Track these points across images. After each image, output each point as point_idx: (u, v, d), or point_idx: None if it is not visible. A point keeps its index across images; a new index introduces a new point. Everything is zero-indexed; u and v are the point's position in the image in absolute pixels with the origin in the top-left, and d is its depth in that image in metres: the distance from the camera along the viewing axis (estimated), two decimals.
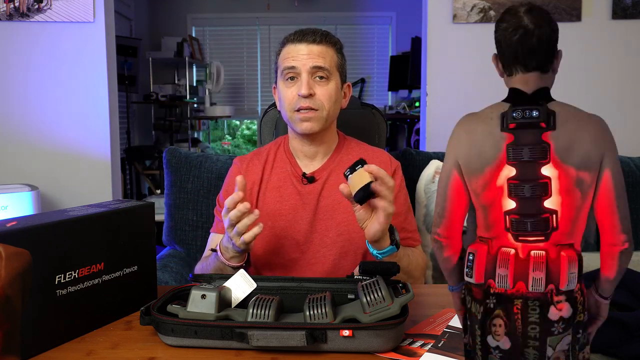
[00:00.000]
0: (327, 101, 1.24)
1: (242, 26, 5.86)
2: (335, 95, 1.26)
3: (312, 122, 1.24)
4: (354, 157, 1.33)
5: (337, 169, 1.31)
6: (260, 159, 1.35)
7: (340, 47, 1.30)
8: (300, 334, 0.76)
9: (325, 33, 1.27)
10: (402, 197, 1.32)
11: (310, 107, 1.22)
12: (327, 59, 1.25)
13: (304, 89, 1.21)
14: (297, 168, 1.32)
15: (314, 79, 1.24)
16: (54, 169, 2.42)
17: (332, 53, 1.27)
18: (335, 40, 1.29)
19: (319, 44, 1.24)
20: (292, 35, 1.27)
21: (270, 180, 1.32)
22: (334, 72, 1.27)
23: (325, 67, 1.23)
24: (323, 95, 1.24)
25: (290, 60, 1.23)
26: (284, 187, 1.31)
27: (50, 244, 0.80)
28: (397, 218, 1.30)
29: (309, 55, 1.23)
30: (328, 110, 1.25)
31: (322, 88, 1.24)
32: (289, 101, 1.25)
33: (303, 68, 1.22)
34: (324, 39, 1.25)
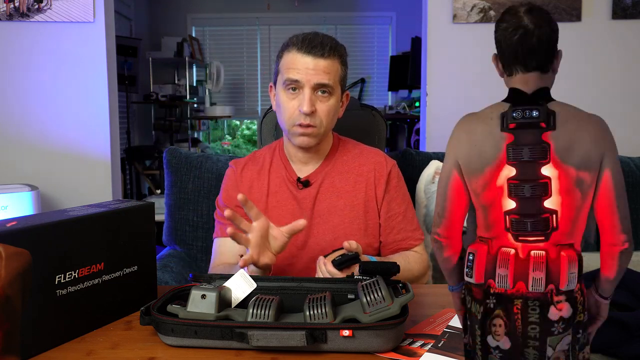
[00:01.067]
0: (326, 117, 1.23)
1: (242, 26, 5.86)
2: (334, 110, 1.25)
3: (309, 138, 1.23)
4: (350, 159, 1.33)
5: (331, 173, 1.31)
6: (256, 164, 1.34)
7: (345, 58, 1.27)
8: (300, 334, 0.76)
9: (333, 46, 1.22)
10: (399, 196, 1.32)
11: (310, 124, 1.21)
12: (332, 74, 1.21)
13: (306, 106, 1.18)
14: (292, 173, 1.31)
15: (315, 94, 1.21)
16: (54, 169, 2.42)
17: (338, 66, 1.23)
18: (342, 52, 1.25)
19: (327, 58, 1.20)
20: (299, 42, 1.21)
21: (266, 186, 1.31)
22: (337, 86, 1.24)
23: (330, 84, 1.21)
24: (323, 112, 1.22)
25: (295, 73, 1.20)
26: (280, 193, 1.30)
27: (50, 244, 0.80)
28: (396, 218, 1.30)
29: (315, 70, 1.19)
30: (326, 126, 1.24)
31: (323, 104, 1.22)
32: (289, 114, 1.22)
33: (307, 83, 1.19)
34: (332, 53, 1.21)
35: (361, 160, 1.33)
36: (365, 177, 1.30)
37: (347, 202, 1.28)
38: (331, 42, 1.23)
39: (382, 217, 1.30)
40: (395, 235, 1.29)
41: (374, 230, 1.30)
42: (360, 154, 1.34)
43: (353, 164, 1.32)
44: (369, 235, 1.29)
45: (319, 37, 1.22)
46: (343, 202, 1.28)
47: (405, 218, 1.31)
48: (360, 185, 1.30)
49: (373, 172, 1.31)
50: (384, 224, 1.30)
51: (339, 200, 1.29)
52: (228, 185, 1.34)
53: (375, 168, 1.31)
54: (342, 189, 1.29)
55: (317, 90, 1.21)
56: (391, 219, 1.30)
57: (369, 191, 1.30)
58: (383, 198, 1.30)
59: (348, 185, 1.30)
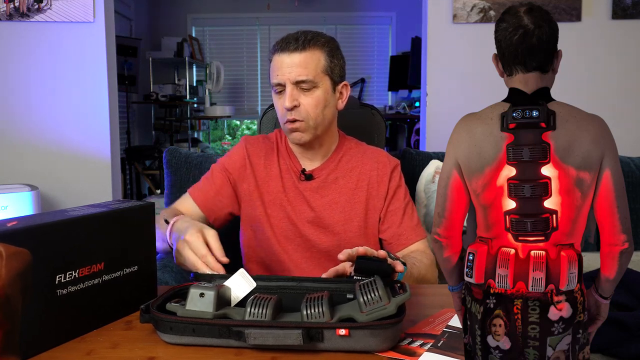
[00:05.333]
0: (312, 110, 1.23)
1: (242, 26, 5.86)
2: (323, 102, 1.24)
3: (300, 133, 1.25)
4: (353, 158, 1.34)
5: (335, 170, 1.32)
6: (267, 145, 1.36)
7: (331, 48, 1.25)
8: (297, 333, 0.76)
9: (310, 37, 1.23)
10: (400, 194, 1.33)
11: (295, 118, 1.23)
12: (311, 67, 1.21)
13: (287, 101, 1.21)
14: (296, 164, 1.33)
15: (299, 89, 1.23)
16: (54, 169, 2.42)
17: (319, 57, 1.23)
18: (323, 41, 1.24)
19: (302, 51, 1.21)
20: (278, 44, 1.25)
21: (272, 170, 1.33)
22: (321, 78, 1.23)
23: (308, 79, 1.21)
24: (308, 105, 1.23)
25: (276, 77, 1.23)
26: (286, 178, 1.32)
27: (50, 244, 0.80)
28: (396, 214, 1.30)
29: (290, 67, 1.21)
30: (315, 119, 1.24)
31: (307, 98, 1.23)
32: (280, 114, 1.27)
33: (288, 82, 1.22)
34: (307, 45, 1.21)
35: (364, 159, 1.34)
36: (368, 176, 1.31)
37: (348, 200, 1.30)
38: (310, 35, 1.24)
39: (383, 212, 1.31)
40: (395, 229, 1.29)
41: (373, 229, 1.30)
42: (363, 153, 1.35)
43: (356, 162, 1.33)
44: (368, 234, 1.30)
45: (297, 34, 1.24)
46: (344, 199, 1.30)
47: (406, 214, 1.31)
48: (362, 184, 1.31)
49: (376, 171, 1.32)
50: (383, 219, 1.31)
51: (340, 197, 1.30)
52: (236, 157, 1.35)
53: (378, 167, 1.32)
54: (345, 186, 1.31)
55: (299, 86, 1.23)
56: (391, 214, 1.30)
57: (371, 189, 1.31)
58: (385, 196, 1.31)
59: (350, 183, 1.31)
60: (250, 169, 1.33)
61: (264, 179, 1.32)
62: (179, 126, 5.38)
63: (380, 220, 1.31)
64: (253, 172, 1.33)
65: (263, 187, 1.32)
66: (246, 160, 1.34)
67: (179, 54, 5.26)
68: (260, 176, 1.32)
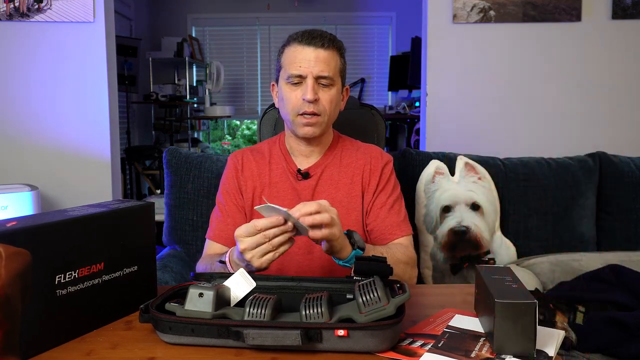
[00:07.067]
0: (329, 106, 1.26)
1: (242, 26, 5.86)
2: (336, 100, 1.29)
3: (314, 127, 1.27)
4: (348, 153, 1.37)
5: (331, 165, 1.34)
6: (257, 156, 1.37)
7: (344, 51, 1.32)
8: (295, 333, 0.76)
9: (332, 38, 1.27)
10: (389, 189, 1.34)
11: (314, 112, 1.24)
12: (332, 65, 1.26)
13: (309, 94, 1.22)
14: (292, 164, 1.34)
15: (318, 84, 1.25)
16: (54, 169, 2.42)
17: (337, 58, 1.28)
18: (340, 44, 1.30)
19: (327, 49, 1.25)
20: (299, 36, 1.26)
21: (267, 177, 1.34)
22: (337, 77, 1.28)
23: (329, 75, 1.25)
24: (326, 101, 1.26)
25: (297, 68, 1.24)
26: (281, 184, 1.33)
27: (50, 244, 0.80)
28: (383, 207, 1.31)
29: (315, 61, 1.23)
30: (329, 115, 1.28)
31: (325, 93, 1.26)
32: (292, 104, 1.26)
33: (309, 74, 1.23)
34: (331, 44, 1.26)
35: (358, 154, 1.37)
36: (362, 170, 1.34)
37: (345, 195, 1.32)
38: (330, 35, 1.28)
39: (369, 205, 1.32)
40: (379, 223, 1.31)
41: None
42: (357, 149, 1.38)
43: (351, 158, 1.36)
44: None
45: (318, 31, 1.28)
46: (342, 194, 1.32)
47: (393, 209, 1.32)
48: (357, 178, 1.34)
49: (369, 165, 1.35)
50: (370, 211, 1.32)
51: (337, 192, 1.32)
52: (228, 175, 1.37)
53: (371, 161, 1.35)
54: (341, 181, 1.33)
55: (319, 81, 1.25)
56: (377, 207, 1.32)
57: (364, 183, 1.34)
58: (375, 190, 1.33)
59: (346, 178, 1.33)
60: (243, 179, 1.34)
61: (260, 186, 1.33)
62: (179, 126, 5.37)
63: (367, 212, 1.32)
64: (247, 181, 1.34)
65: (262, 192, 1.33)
66: (239, 173, 1.35)
67: (179, 54, 5.26)
68: (256, 183, 1.34)
